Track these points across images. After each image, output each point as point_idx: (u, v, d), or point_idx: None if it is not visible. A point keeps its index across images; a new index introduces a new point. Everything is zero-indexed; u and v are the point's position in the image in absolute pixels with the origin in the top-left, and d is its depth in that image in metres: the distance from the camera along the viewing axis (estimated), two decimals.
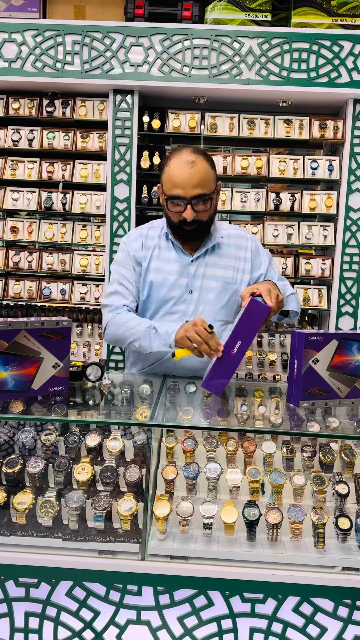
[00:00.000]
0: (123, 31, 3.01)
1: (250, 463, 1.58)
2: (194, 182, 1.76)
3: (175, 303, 1.92)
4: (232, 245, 1.97)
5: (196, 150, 1.82)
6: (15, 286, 3.34)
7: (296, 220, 3.28)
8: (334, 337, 1.59)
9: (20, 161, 3.28)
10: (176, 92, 3.14)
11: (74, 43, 3.03)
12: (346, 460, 1.58)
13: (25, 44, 3.04)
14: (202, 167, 1.78)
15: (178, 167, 1.77)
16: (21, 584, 1.41)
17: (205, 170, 1.78)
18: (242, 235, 2.01)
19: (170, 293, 1.92)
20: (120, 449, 1.58)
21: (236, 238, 1.99)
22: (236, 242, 1.98)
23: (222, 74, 3.01)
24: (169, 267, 1.93)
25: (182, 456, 1.61)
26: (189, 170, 1.76)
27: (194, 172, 1.76)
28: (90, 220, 3.45)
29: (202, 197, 1.78)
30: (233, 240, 1.99)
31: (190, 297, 1.92)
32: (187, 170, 1.76)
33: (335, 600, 1.37)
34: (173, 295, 1.92)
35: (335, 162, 3.16)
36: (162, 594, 1.39)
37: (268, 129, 3.17)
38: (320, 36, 2.98)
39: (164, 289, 1.92)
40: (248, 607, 1.38)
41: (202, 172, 1.77)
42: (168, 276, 1.92)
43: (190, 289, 1.92)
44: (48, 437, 1.61)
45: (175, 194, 1.78)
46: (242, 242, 1.99)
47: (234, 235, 2.00)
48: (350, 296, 3.15)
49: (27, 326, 1.54)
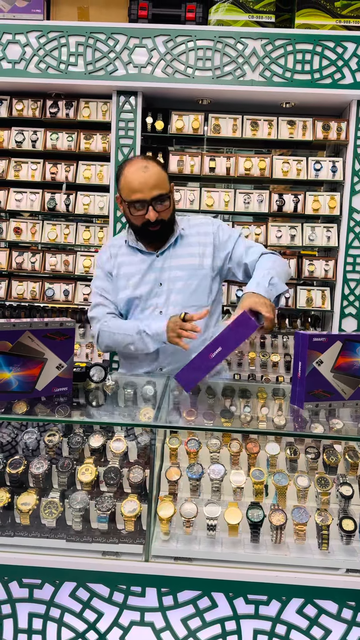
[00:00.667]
0: (127, 32, 3.01)
1: (254, 464, 1.58)
2: (150, 184, 1.86)
3: (147, 298, 2.01)
4: (195, 234, 2.05)
5: (146, 157, 1.96)
6: (19, 287, 3.34)
7: (299, 222, 3.28)
8: (338, 338, 1.59)
9: (23, 162, 3.29)
10: (179, 94, 3.14)
11: (77, 44, 3.03)
12: (350, 461, 1.57)
13: (29, 45, 3.05)
14: (156, 170, 1.89)
15: (133, 173, 1.88)
16: (25, 584, 1.41)
17: (158, 173, 1.89)
18: (203, 222, 2.09)
19: (142, 290, 2.00)
20: (124, 450, 1.58)
21: (198, 226, 2.07)
22: (198, 230, 2.06)
23: (226, 75, 3.01)
24: (137, 268, 2.02)
25: (185, 457, 1.61)
26: (144, 174, 1.87)
27: (149, 175, 1.87)
28: (93, 221, 3.45)
29: (161, 198, 1.88)
30: (195, 229, 2.06)
31: (161, 289, 2.00)
32: (142, 175, 1.87)
33: (340, 602, 1.37)
34: (145, 291, 2.00)
35: (339, 163, 3.16)
36: (165, 596, 1.39)
37: (271, 130, 3.17)
38: (323, 37, 2.98)
39: (135, 288, 2.01)
40: (252, 609, 1.38)
41: (156, 174, 1.88)
42: (137, 275, 2.01)
43: (159, 282, 2.00)
44: (51, 438, 1.61)
45: (136, 199, 1.88)
46: (203, 229, 2.06)
47: (196, 224, 2.08)
48: (354, 297, 3.15)
49: (31, 327, 1.54)
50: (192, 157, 3.23)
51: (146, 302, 2.01)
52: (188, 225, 2.07)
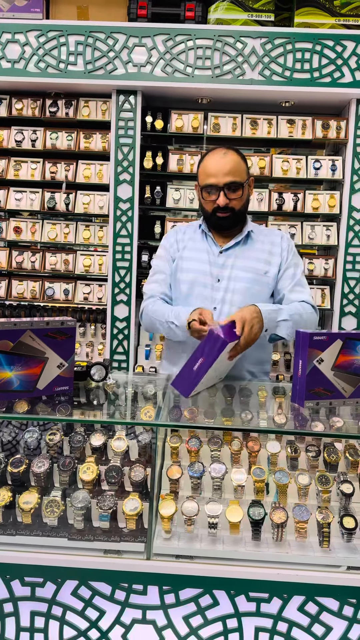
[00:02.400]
0: (126, 31, 3.01)
1: (254, 463, 1.58)
2: (225, 170, 1.88)
3: (203, 289, 1.98)
4: (265, 241, 2.04)
5: (229, 147, 1.97)
6: (19, 286, 3.34)
7: (299, 220, 3.28)
8: (338, 336, 1.59)
9: (23, 161, 3.29)
10: (179, 93, 3.14)
11: (77, 43, 3.03)
12: (351, 459, 1.58)
13: (28, 45, 3.05)
14: (234, 157, 1.92)
15: (211, 158, 1.92)
16: (27, 583, 1.41)
17: (236, 161, 1.92)
18: (274, 232, 2.09)
19: (199, 279, 1.98)
20: (125, 449, 1.59)
21: (268, 235, 2.06)
22: (269, 238, 2.05)
23: (225, 74, 3.01)
24: (199, 256, 2.02)
25: (186, 456, 1.61)
26: (221, 160, 1.90)
27: (226, 162, 1.89)
28: (93, 221, 3.45)
29: (234, 185, 1.90)
30: (264, 236, 2.05)
31: (219, 285, 1.97)
32: (219, 160, 1.90)
33: (341, 599, 1.37)
34: (201, 281, 1.98)
35: (338, 162, 3.16)
36: (167, 594, 1.39)
37: (271, 129, 3.17)
38: (323, 36, 2.98)
39: (193, 276, 1.99)
40: (253, 607, 1.38)
41: (233, 162, 1.90)
42: (197, 264, 2.00)
43: (218, 278, 1.98)
44: (52, 437, 1.62)
45: (209, 183, 1.90)
46: (275, 238, 2.05)
47: (268, 232, 2.08)
48: (353, 296, 3.15)
49: (32, 326, 1.54)
50: (191, 156, 3.23)
51: (201, 293, 1.98)
52: (258, 231, 2.06)
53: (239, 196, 1.92)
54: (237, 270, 1.97)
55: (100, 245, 3.33)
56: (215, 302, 1.96)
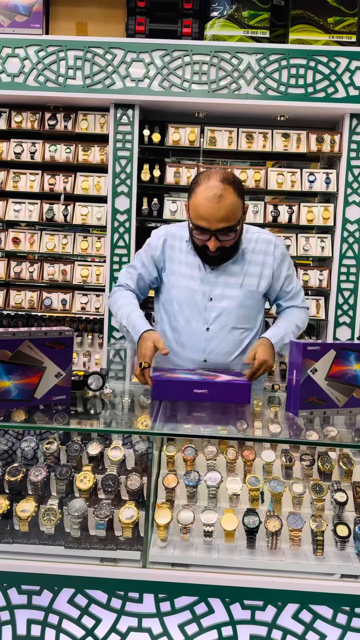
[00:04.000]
0: (124, 47, 3.07)
1: (249, 471, 1.60)
2: (219, 216, 1.76)
3: (195, 309, 1.95)
4: (257, 251, 1.96)
5: (224, 180, 1.77)
6: (17, 296, 3.37)
7: (294, 232, 3.32)
8: (332, 347, 1.62)
9: (22, 173, 3.33)
10: (176, 107, 3.20)
11: (76, 58, 3.09)
12: (344, 468, 1.60)
13: (28, 59, 3.10)
14: (229, 202, 1.76)
15: (204, 200, 1.76)
16: (23, 591, 1.42)
17: (231, 205, 1.76)
18: (269, 241, 1.99)
19: (190, 299, 1.95)
20: (122, 458, 1.60)
21: (262, 243, 1.98)
22: (263, 247, 1.97)
23: (221, 89, 3.07)
24: (190, 272, 1.96)
25: (182, 465, 1.63)
26: (216, 205, 1.75)
27: (220, 208, 1.75)
28: (91, 232, 3.49)
29: (227, 229, 1.79)
30: (259, 245, 1.97)
31: (211, 304, 1.94)
32: (213, 206, 1.75)
33: (334, 607, 1.38)
34: (193, 301, 1.95)
35: (332, 175, 3.21)
36: (163, 601, 1.40)
37: (266, 143, 3.23)
38: (317, 52, 3.05)
39: (184, 295, 1.96)
40: (248, 614, 1.39)
41: (228, 207, 1.76)
42: (189, 282, 1.96)
43: (209, 297, 1.94)
44: (49, 446, 1.63)
45: (200, 225, 1.79)
46: (269, 248, 1.98)
47: (262, 240, 1.98)
48: (348, 307, 3.19)
49: (30, 336, 1.57)
50: (188, 169, 3.28)
51: (193, 314, 1.95)
52: (254, 240, 1.97)
53: (232, 238, 1.83)
54: (230, 288, 1.93)
55: (98, 256, 3.36)
56: (208, 323, 1.94)
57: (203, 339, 1.94)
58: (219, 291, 1.94)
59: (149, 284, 2.10)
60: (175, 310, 1.98)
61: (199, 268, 1.95)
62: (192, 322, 1.96)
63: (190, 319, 1.96)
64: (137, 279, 2.07)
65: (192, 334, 1.95)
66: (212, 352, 1.94)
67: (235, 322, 1.94)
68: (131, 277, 2.08)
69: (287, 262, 2.03)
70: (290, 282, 2.04)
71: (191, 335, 1.95)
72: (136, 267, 2.08)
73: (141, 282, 2.08)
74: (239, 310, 1.94)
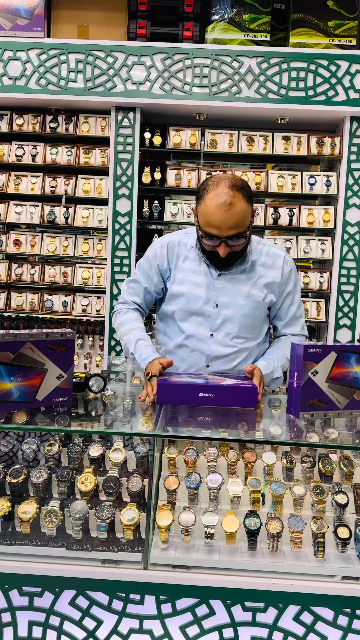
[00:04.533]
0: (125, 50, 3.09)
1: (250, 473, 1.61)
2: (229, 224, 1.74)
3: (200, 316, 1.94)
4: (267, 265, 1.95)
5: (234, 187, 1.75)
6: (18, 298, 3.37)
7: (294, 235, 3.33)
8: (333, 349, 1.62)
9: (23, 176, 3.34)
10: (177, 110, 3.21)
11: (77, 61, 3.10)
12: (345, 470, 1.60)
13: (29, 62, 3.11)
14: (239, 209, 1.74)
15: (214, 208, 1.74)
16: (25, 593, 1.42)
17: (241, 212, 1.75)
18: (278, 255, 1.97)
19: (196, 305, 1.93)
20: (123, 460, 1.61)
21: (272, 257, 1.96)
22: (272, 262, 1.96)
23: (222, 92, 3.08)
24: (197, 279, 1.94)
25: (183, 466, 1.63)
26: (225, 213, 1.73)
27: (230, 216, 1.73)
28: (92, 234, 3.50)
29: (237, 235, 1.78)
30: (270, 260, 1.95)
31: (216, 311, 1.92)
32: (223, 214, 1.73)
33: (335, 609, 1.39)
34: (198, 308, 1.93)
35: (333, 177, 3.22)
36: (164, 603, 1.40)
37: (267, 146, 3.24)
38: (317, 56, 3.06)
39: (189, 301, 1.94)
40: (249, 616, 1.40)
41: (238, 214, 1.74)
42: (195, 288, 1.94)
43: (215, 303, 1.92)
44: (51, 448, 1.63)
45: (210, 233, 1.77)
46: (278, 262, 1.96)
47: (273, 255, 1.97)
48: (348, 309, 3.19)
49: (32, 338, 1.57)
50: (189, 172, 3.29)
51: (197, 319, 1.94)
52: (265, 253, 1.95)
53: (242, 243, 1.81)
54: (236, 296, 1.91)
55: (99, 258, 3.37)
56: (212, 329, 1.93)
57: (207, 344, 1.94)
58: (224, 298, 1.92)
59: (155, 296, 2.07)
60: (180, 315, 1.97)
61: (205, 275, 1.94)
62: (197, 328, 1.95)
63: (195, 324, 1.95)
64: (143, 294, 2.04)
65: (196, 339, 1.95)
66: (215, 358, 1.94)
67: (239, 331, 1.93)
68: (135, 292, 2.05)
69: (293, 280, 1.99)
70: (292, 302, 2.00)
71: (195, 340, 1.95)
72: (140, 282, 2.04)
73: (148, 296, 2.05)
74: (244, 319, 1.92)
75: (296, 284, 2.01)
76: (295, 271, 2.01)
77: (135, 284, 2.06)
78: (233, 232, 1.76)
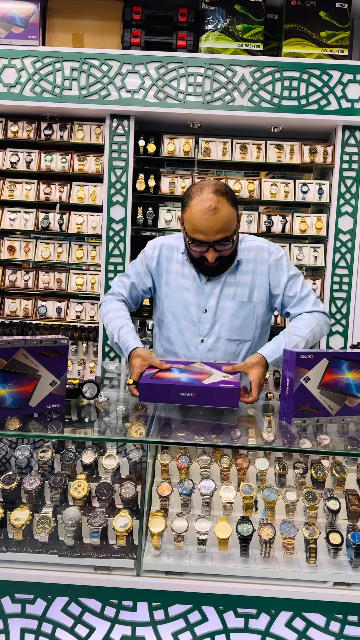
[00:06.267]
0: (120, 59, 3.11)
1: (243, 480, 1.61)
2: (215, 228, 1.75)
3: (190, 321, 1.95)
4: (251, 261, 1.94)
5: (217, 191, 1.76)
6: (12, 304, 3.37)
7: (287, 242, 3.36)
8: (325, 355, 1.63)
9: (18, 182, 3.35)
10: (171, 118, 3.23)
11: (72, 69, 3.12)
12: (337, 476, 1.61)
13: (24, 70, 3.13)
14: (224, 214, 1.75)
15: (200, 213, 1.75)
16: (17, 600, 1.42)
17: (226, 217, 1.76)
18: (262, 248, 1.96)
19: (185, 311, 1.95)
20: (116, 466, 1.61)
21: (256, 251, 1.95)
22: (255, 255, 1.94)
23: (216, 100, 3.11)
24: (185, 284, 1.95)
25: (176, 473, 1.63)
26: (211, 218, 1.74)
27: (216, 220, 1.74)
28: (86, 240, 3.51)
29: (224, 240, 1.78)
30: (252, 254, 1.94)
31: (205, 316, 1.93)
32: (209, 219, 1.74)
33: (327, 615, 1.39)
34: (187, 313, 1.95)
35: (325, 185, 3.25)
36: (156, 610, 1.40)
37: (260, 154, 3.27)
38: (310, 65, 3.10)
39: (178, 306, 1.95)
40: (242, 623, 1.40)
41: (224, 218, 1.75)
42: (183, 293, 1.95)
43: (204, 308, 1.93)
44: (44, 454, 1.63)
45: (197, 238, 1.78)
46: (263, 255, 1.94)
47: (255, 248, 1.95)
48: (340, 316, 3.21)
49: (25, 344, 1.57)
50: (183, 179, 3.31)
51: (187, 325, 1.95)
52: (248, 248, 1.95)
53: (229, 247, 1.82)
54: (224, 299, 1.92)
55: (93, 265, 3.38)
56: (203, 335, 1.94)
57: (198, 350, 1.95)
58: (212, 302, 1.93)
59: (141, 294, 2.08)
60: (169, 321, 1.98)
61: (194, 279, 1.95)
62: (186, 334, 1.96)
63: (184, 330, 1.96)
64: (129, 287, 2.06)
65: (186, 346, 1.96)
66: None
67: (229, 334, 1.94)
68: (124, 285, 2.07)
69: (284, 267, 1.95)
70: (293, 286, 1.95)
71: (185, 346, 1.96)
72: (130, 276, 2.07)
73: (134, 291, 2.06)
74: (233, 321, 1.93)
75: (289, 269, 1.96)
76: (284, 257, 1.97)
77: (125, 277, 2.09)
78: (220, 236, 1.76)
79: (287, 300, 1.96)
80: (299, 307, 1.95)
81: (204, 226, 1.75)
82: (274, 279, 1.95)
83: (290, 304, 1.96)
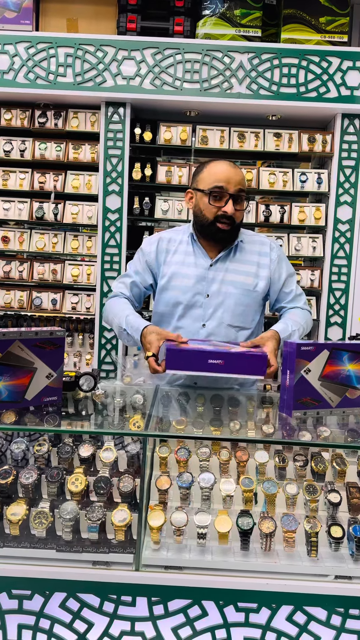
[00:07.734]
0: (115, 44, 3.05)
1: (243, 473, 1.59)
2: (236, 179, 1.89)
3: (192, 306, 1.97)
4: (255, 252, 2.02)
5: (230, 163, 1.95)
6: (6, 296, 3.33)
7: (285, 232, 3.32)
8: (325, 347, 1.61)
9: (12, 171, 3.29)
10: (168, 105, 3.18)
11: (66, 55, 3.06)
12: (338, 469, 1.60)
13: (18, 56, 3.06)
14: (241, 172, 1.94)
15: (222, 165, 1.92)
16: (14, 596, 1.40)
17: (243, 175, 1.94)
18: (264, 242, 2.06)
19: (186, 296, 1.97)
20: (114, 460, 1.59)
21: (259, 244, 2.04)
22: (259, 248, 2.03)
23: (213, 87, 3.06)
24: (187, 271, 1.99)
25: (175, 466, 1.61)
26: (232, 169, 1.90)
27: (237, 172, 1.91)
28: (81, 231, 3.46)
29: (241, 196, 1.91)
30: (256, 246, 2.03)
31: (207, 301, 1.96)
32: (230, 170, 1.90)
33: (329, 608, 1.38)
34: (189, 298, 1.97)
35: (324, 175, 3.21)
36: (156, 605, 1.39)
37: (258, 142, 3.22)
38: (309, 52, 3.05)
39: (180, 293, 1.98)
40: (242, 617, 1.38)
41: (241, 175, 1.93)
42: (185, 280, 1.98)
43: (206, 293, 1.97)
44: (40, 448, 1.61)
45: (220, 185, 1.88)
46: (264, 249, 2.03)
47: (257, 242, 2.05)
48: (339, 307, 3.19)
49: (21, 336, 1.54)
50: (180, 168, 3.26)
51: (188, 310, 1.98)
52: (250, 241, 2.04)
53: (243, 208, 1.93)
54: (226, 285, 1.96)
55: (89, 255, 3.34)
56: (205, 319, 1.97)
57: (200, 335, 1.96)
58: (215, 288, 1.97)
59: (143, 291, 2.10)
60: (172, 307, 2.00)
61: (196, 266, 1.99)
62: (188, 319, 1.98)
63: (187, 315, 1.98)
64: (131, 286, 2.07)
65: (189, 330, 1.96)
66: None
67: (231, 320, 1.96)
68: (125, 285, 2.08)
69: (284, 264, 2.06)
70: (290, 283, 2.05)
71: (188, 331, 1.95)
72: (130, 275, 2.09)
73: (135, 289, 2.08)
74: (236, 307, 1.96)
75: (288, 267, 2.07)
76: (283, 255, 2.08)
77: (125, 277, 2.11)
78: (239, 187, 1.89)
79: (283, 296, 2.06)
80: (293, 303, 2.07)
81: (226, 176, 1.88)
82: (275, 273, 2.03)
83: (285, 299, 2.06)
